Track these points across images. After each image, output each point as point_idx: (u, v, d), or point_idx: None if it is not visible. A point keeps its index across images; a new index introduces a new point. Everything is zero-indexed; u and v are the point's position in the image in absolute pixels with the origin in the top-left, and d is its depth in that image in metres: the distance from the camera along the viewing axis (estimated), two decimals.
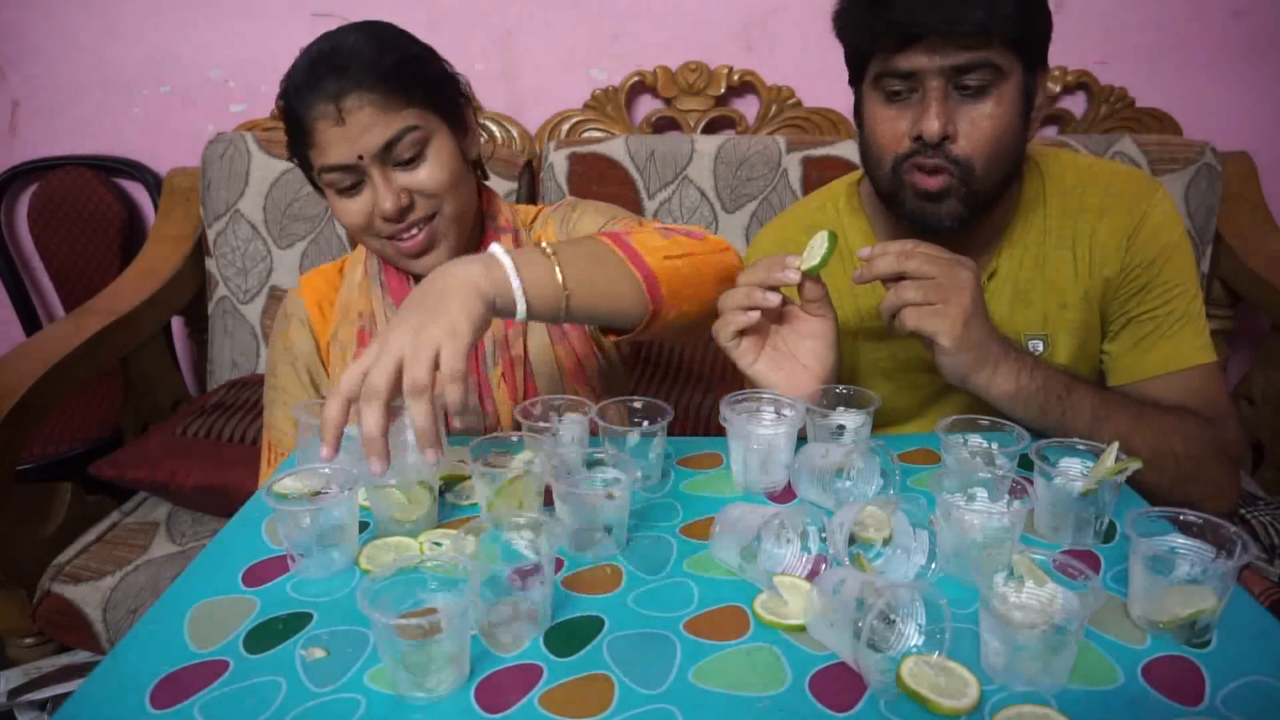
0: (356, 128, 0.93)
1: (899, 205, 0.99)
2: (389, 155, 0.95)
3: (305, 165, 1.01)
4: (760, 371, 0.91)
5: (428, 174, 0.97)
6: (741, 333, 0.90)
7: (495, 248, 0.80)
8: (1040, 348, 1.06)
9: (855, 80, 1.01)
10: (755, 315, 0.88)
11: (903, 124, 0.94)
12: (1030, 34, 0.93)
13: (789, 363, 0.92)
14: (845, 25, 0.98)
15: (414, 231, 0.98)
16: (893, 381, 1.09)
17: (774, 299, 0.87)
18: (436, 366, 0.71)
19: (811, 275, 0.88)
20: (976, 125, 0.92)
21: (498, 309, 0.77)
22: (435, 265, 0.98)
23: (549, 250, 0.82)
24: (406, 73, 0.96)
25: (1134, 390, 1.01)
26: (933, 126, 0.91)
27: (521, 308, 0.78)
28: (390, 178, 0.95)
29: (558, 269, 0.81)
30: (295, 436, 1.07)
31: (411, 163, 0.96)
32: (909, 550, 0.71)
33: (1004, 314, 1.05)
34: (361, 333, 1.09)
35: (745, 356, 0.91)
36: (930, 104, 0.91)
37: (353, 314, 1.10)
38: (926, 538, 0.70)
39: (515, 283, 0.78)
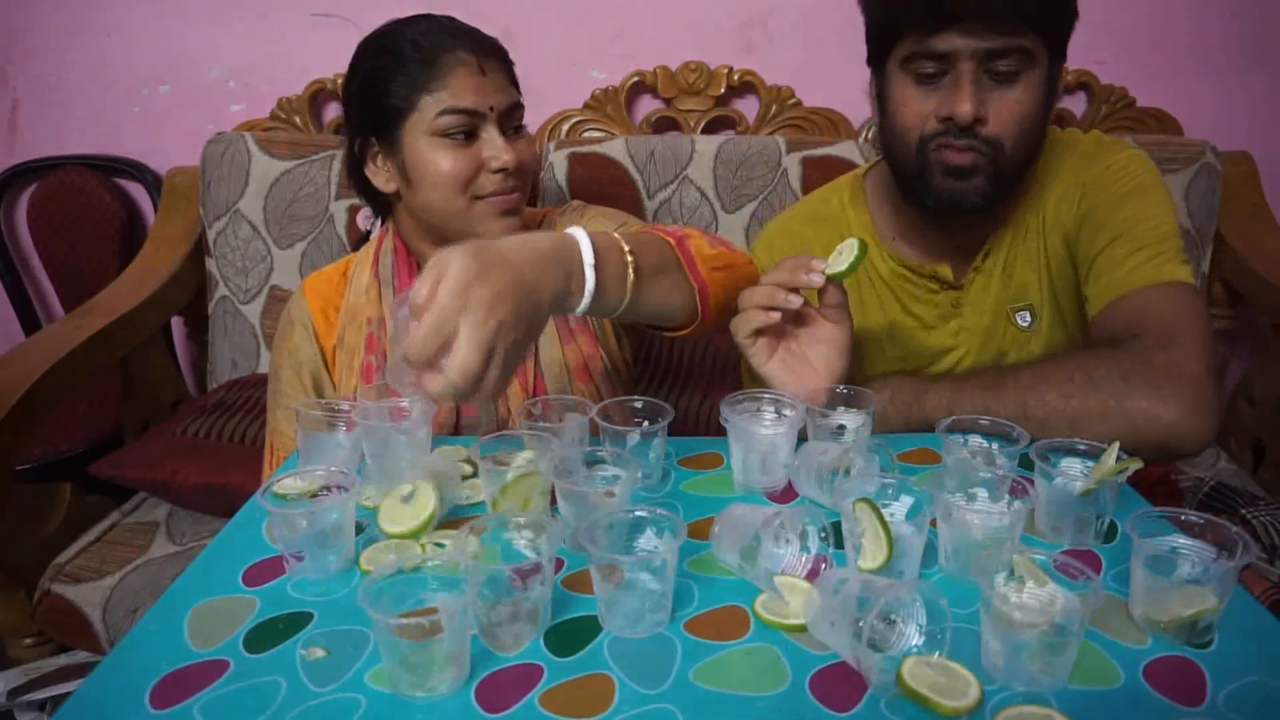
0: (491, 84, 1.02)
1: (924, 185, 0.99)
2: (506, 119, 1.04)
3: (388, 116, 1.02)
4: (772, 371, 0.90)
5: (526, 149, 1.06)
6: (758, 331, 0.89)
7: (577, 231, 0.77)
8: (1028, 318, 1.07)
9: (878, 61, 1.01)
10: (776, 316, 0.87)
11: (930, 105, 0.95)
12: (1060, 22, 0.94)
13: (801, 365, 0.91)
14: (878, 5, 0.98)
15: (514, 194, 1.04)
16: None
17: (795, 301, 0.87)
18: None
19: (836, 281, 0.88)
20: (1006, 109, 0.93)
21: (557, 302, 0.73)
22: (511, 230, 1.04)
23: (629, 254, 0.80)
24: (511, 63, 1.08)
25: (1094, 325, 0.98)
26: (966, 109, 0.92)
27: (585, 303, 0.75)
28: (506, 138, 1.03)
29: (630, 269, 0.79)
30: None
31: (516, 134, 1.06)
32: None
33: (995, 291, 1.07)
34: (370, 338, 1.09)
35: (759, 355, 0.90)
36: (963, 86, 0.92)
37: (360, 319, 1.10)
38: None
39: (590, 284, 0.75)
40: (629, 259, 0.79)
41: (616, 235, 0.81)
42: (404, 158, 1.03)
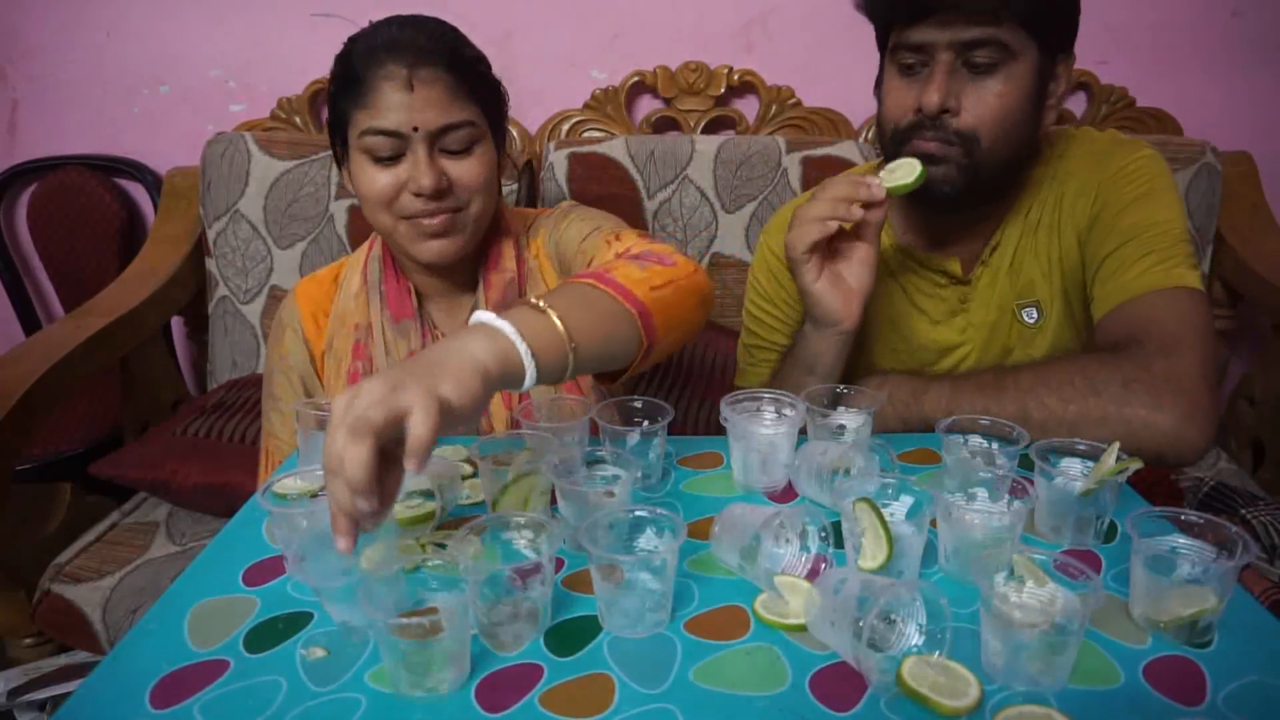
0: (421, 100, 0.95)
1: None
2: (441, 139, 0.97)
3: (340, 125, 1.00)
4: (820, 289, 0.95)
5: (468, 169, 0.99)
6: (811, 249, 0.93)
7: (486, 315, 0.71)
8: (1034, 314, 1.07)
9: (880, 54, 1.04)
10: (833, 227, 0.91)
11: (910, 96, 0.97)
12: (1046, 18, 0.94)
13: (842, 285, 0.96)
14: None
15: (438, 216, 0.99)
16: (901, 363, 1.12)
17: (858, 212, 0.90)
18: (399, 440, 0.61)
19: (894, 195, 0.91)
20: (982, 101, 0.94)
21: (501, 383, 0.69)
22: (444, 252, 1.00)
23: (541, 305, 0.75)
24: (478, 72, 1.01)
25: (1099, 327, 0.99)
26: (932, 99, 0.93)
27: (531, 373, 0.70)
28: (434, 159, 0.97)
29: (557, 321, 0.73)
30: (293, 442, 1.08)
31: (457, 154, 0.99)
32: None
33: (1002, 287, 1.08)
34: (358, 345, 1.08)
35: (811, 273, 0.94)
36: (934, 76, 0.94)
37: (349, 325, 1.09)
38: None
39: (522, 348, 0.70)
40: (548, 313, 0.74)
41: (539, 307, 0.75)
42: (348, 168, 1.02)
